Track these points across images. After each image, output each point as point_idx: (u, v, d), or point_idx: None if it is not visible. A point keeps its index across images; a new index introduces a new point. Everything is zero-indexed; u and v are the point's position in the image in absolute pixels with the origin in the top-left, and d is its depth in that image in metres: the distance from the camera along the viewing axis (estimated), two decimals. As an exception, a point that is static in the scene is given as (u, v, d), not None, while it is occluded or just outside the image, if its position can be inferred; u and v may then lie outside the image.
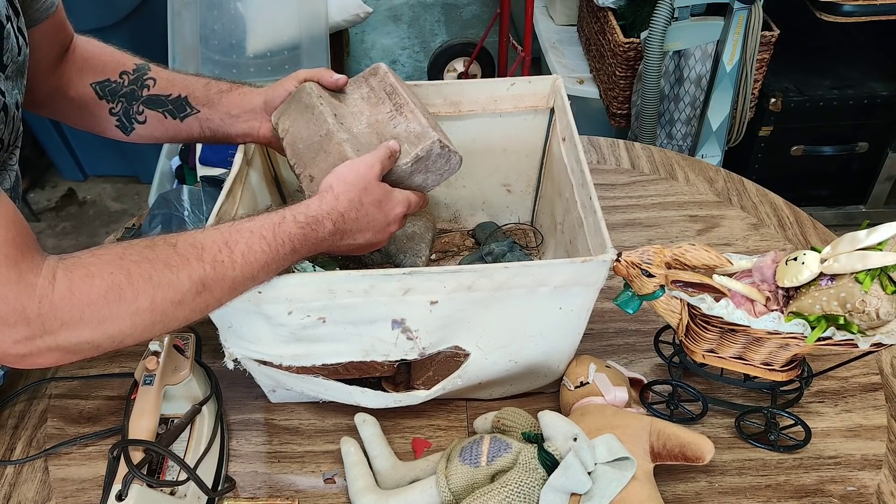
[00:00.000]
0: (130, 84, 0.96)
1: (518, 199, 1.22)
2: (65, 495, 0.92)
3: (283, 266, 0.78)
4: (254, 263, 0.75)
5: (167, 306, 0.71)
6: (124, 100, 0.96)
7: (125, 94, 0.96)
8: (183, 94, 0.96)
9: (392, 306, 0.82)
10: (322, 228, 0.80)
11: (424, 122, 0.90)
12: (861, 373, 1.02)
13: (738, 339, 0.84)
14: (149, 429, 0.82)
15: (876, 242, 0.74)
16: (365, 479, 0.88)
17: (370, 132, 0.91)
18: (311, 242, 0.80)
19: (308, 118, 0.91)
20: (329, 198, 0.82)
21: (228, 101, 0.97)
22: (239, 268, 0.74)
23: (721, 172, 1.38)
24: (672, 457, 0.83)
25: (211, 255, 0.73)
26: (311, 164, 0.89)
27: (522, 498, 0.78)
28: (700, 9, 2.01)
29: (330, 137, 0.88)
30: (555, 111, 1.08)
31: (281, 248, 0.77)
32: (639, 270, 0.83)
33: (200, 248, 0.73)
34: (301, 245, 0.79)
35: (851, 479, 0.90)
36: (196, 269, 0.72)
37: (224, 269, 0.74)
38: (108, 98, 0.96)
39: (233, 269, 0.74)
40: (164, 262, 0.71)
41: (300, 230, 0.78)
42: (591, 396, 0.91)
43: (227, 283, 0.74)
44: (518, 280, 0.81)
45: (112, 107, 0.96)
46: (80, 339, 0.68)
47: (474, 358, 0.89)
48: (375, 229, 0.86)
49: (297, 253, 0.79)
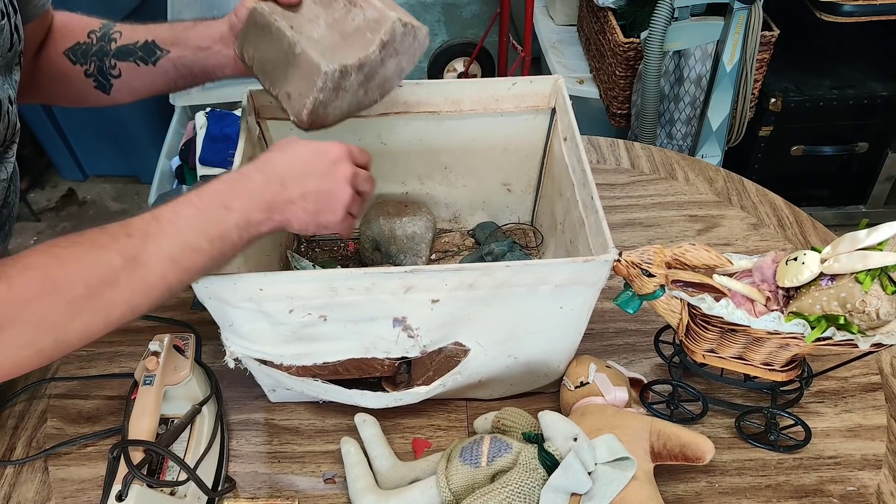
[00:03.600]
0: (99, 41, 0.95)
1: (518, 198, 1.22)
2: (64, 495, 0.91)
3: (225, 232, 0.75)
4: (185, 229, 0.73)
5: (103, 289, 0.68)
6: (95, 58, 0.95)
7: (95, 53, 0.95)
8: (150, 39, 0.94)
9: (393, 304, 0.82)
10: (250, 179, 0.77)
11: (380, 5, 0.88)
12: (861, 373, 1.02)
13: (738, 339, 0.84)
14: (149, 429, 0.82)
15: (876, 242, 0.74)
16: (365, 480, 0.88)
17: (331, 32, 0.88)
18: (245, 196, 0.76)
19: (268, 38, 0.88)
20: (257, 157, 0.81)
21: (196, 34, 0.95)
22: (170, 236, 0.72)
23: (721, 172, 1.38)
24: (672, 457, 0.83)
25: (139, 228, 0.71)
26: (283, 81, 0.87)
27: (523, 498, 0.78)
28: (700, 9, 2.02)
29: (293, 49, 0.85)
30: (556, 111, 1.08)
31: (211, 208, 0.74)
32: (639, 270, 0.83)
33: (127, 225, 0.71)
34: (233, 200, 0.75)
35: (851, 480, 0.90)
36: (125, 244, 0.70)
37: (155, 240, 0.71)
38: (81, 61, 0.95)
39: (164, 238, 0.71)
40: (92, 242, 0.69)
41: (226, 185, 0.76)
42: (591, 396, 0.91)
43: (163, 255, 0.71)
44: (519, 279, 0.81)
45: (86, 69, 0.95)
46: (23, 341, 0.66)
47: (474, 354, 0.89)
48: (319, 173, 0.80)
49: (234, 211, 0.75)
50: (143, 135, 2.65)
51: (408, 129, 1.11)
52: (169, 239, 0.72)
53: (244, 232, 0.76)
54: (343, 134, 1.09)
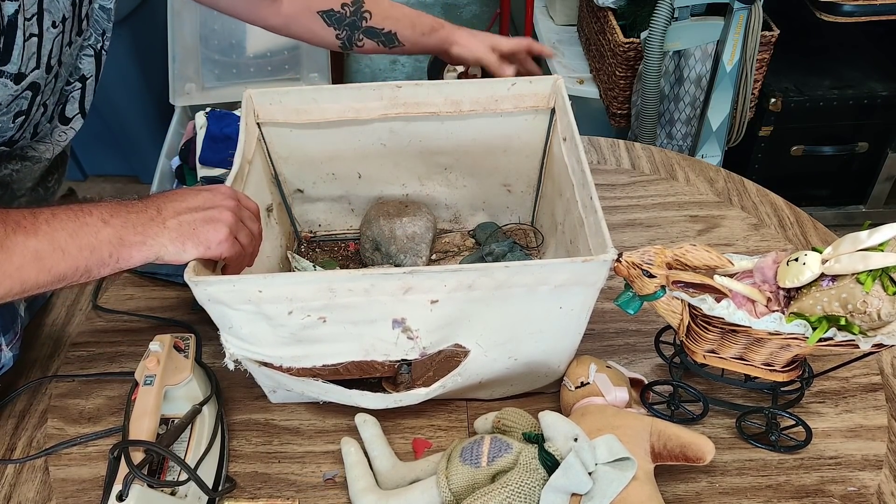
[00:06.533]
0: (352, 15, 1.20)
1: (518, 199, 1.22)
2: (65, 495, 0.91)
3: (97, 244, 0.76)
4: (58, 229, 0.74)
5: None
6: (348, 28, 1.21)
7: (348, 24, 1.21)
8: (393, 31, 1.22)
9: (393, 306, 0.82)
10: (131, 204, 0.79)
11: None
12: (861, 373, 1.02)
13: (739, 339, 0.84)
14: (149, 429, 0.82)
15: (877, 243, 0.74)
16: (365, 480, 0.88)
17: None
18: (122, 216, 0.78)
19: None
20: None
21: (426, 41, 1.26)
22: (42, 234, 0.73)
23: (721, 172, 1.38)
24: (673, 457, 0.83)
25: (14, 219, 0.72)
26: None
27: (523, 498, 0.78)
28: (700, 9, 2.02)
29: None
30: (556, 111, 1.08)
31: (87, 217, 0.76)
32: (639, 271, 0.83)
33: (5, 213, 0.73)
34: (111, 217, 0.77)
35: (852, 480, 0.90)
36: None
37: (25, 233, 0.73)
38: (336, 26, 1.21)
39: (35, 234, 0.73)
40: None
41: (107, 204, 0.78)
42: (591, 397, 0.91)
43: (28, 249, 0.72)
44: (518, 279, 0.80)
45: (338, 33, 1.22)
46: None
47: (474, 355, 0.89)
48: (198, 198, 0.83)
49: (109, 226, 0.76)
50: (143, 135, 2.65)
51: (408, 130, 1.11)
52: (39, 236, 0.73)
53: (115, 251, 0.77)
54: (343, 137, 1.10)
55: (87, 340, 1.11)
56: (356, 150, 1.12)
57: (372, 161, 1.15)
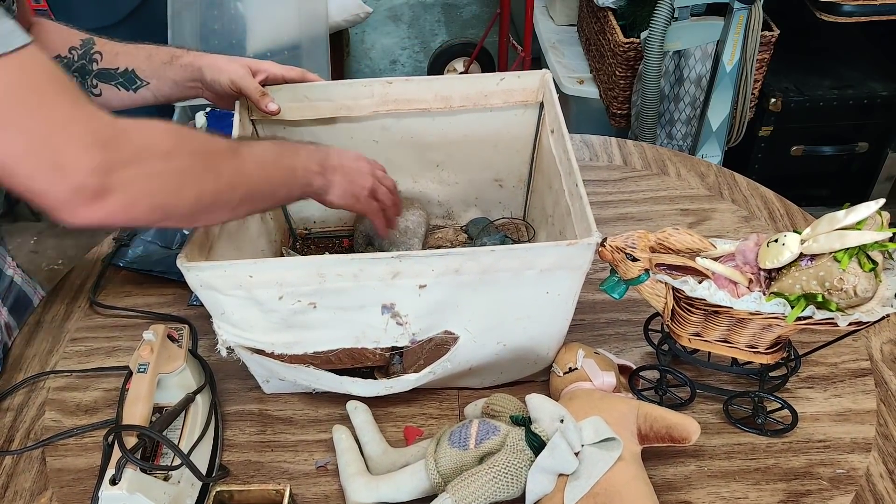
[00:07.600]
0: (80, 59, 1.01)
1: (510, 193, 1.23)
2: (61, 485, 0.93)
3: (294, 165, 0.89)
4: (261, 154, 0.85)
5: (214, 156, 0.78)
6: (77, 75, 1.01)
7: (77, 70, 1.01)
8: (130, 68, 1.02)
9: (382, 290, 0.84)
10: (305, 146, 0.93)
11: None
12: (850, 359, 1.02)
13: (721, 321, 0.85)
14: (142, 415, 0.84)
15: (854, 222, 0.75)
16: (356, 465, 0.89)
17: None
18: (305, 152, 0.91)
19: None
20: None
21: (172, 73, 1.03)
22: (260, 149, 0.86)
23: (712, 167, 1.39)
24: (659, 438, 0.84)
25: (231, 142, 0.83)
26: None
27: (510, 478, 0.79)
28: (700, 9, 2.03)
29: None
30: (544, 105, 1.09)
31: (283, 145, 0.91)
32: (623, 255, 0.84)
33: (224, 137, 0.83)
34: (299, 149, 0.91)
35: (840, 462, 0.91)
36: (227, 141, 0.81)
37: (249, 147, 0.84)
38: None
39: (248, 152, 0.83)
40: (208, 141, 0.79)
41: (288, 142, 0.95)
42: (579, 382, 0.91)
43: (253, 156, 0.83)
44: (505, 263, 0.82)
45: None
46: (151, 171, 0.69)
47: (463, 341, 0.90)
48: (350, 156, 0.97)
49: (299, 156, 0.90)
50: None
51: (399, 126, 1.12)
52: (257, 149, 0.85)
53: (303, 176, 0.89)
54: (336, 135, 1.11)
55: (85, 336, 1.12)
56: (349, 147, 1.13)
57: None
